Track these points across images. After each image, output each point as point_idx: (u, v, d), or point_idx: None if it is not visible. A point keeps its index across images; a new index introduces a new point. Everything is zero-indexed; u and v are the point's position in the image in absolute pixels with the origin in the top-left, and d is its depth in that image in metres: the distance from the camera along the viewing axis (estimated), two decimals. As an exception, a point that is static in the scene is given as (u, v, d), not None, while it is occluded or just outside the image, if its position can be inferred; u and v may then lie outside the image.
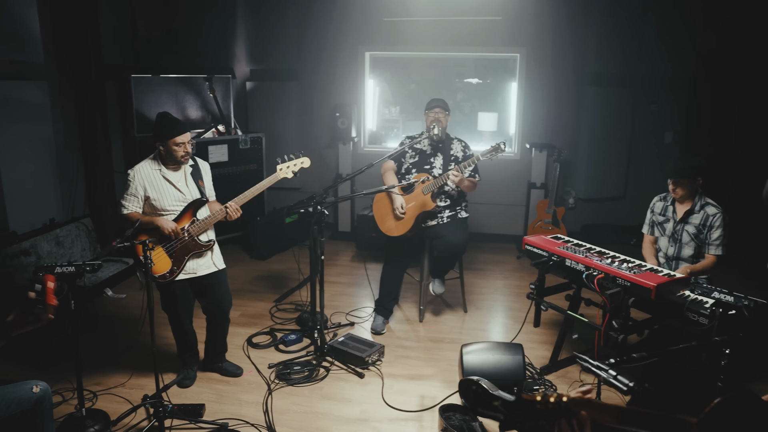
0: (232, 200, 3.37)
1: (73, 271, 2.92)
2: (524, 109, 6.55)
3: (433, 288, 4.48)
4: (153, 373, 3.12)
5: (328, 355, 3.89)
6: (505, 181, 6.52)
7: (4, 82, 4.49)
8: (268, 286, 5.31)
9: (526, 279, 5.59)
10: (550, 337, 4.25)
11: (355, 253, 6.29)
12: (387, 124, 7.13)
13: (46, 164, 4.97)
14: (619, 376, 1.73)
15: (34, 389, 2.37)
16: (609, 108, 6.30)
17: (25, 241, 4.62)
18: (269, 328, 4.39)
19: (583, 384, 3.47)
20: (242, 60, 6.85)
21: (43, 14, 4.86)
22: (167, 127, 3.24)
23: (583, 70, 6.33)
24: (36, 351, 4.01)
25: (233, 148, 6.01)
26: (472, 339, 4.27)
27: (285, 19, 6.64)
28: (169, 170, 3.36)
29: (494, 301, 5.06)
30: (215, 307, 3.54)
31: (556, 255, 3.47)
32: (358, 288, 5.33)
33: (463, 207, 4.40)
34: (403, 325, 4.52)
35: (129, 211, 3.31)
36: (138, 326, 4.07)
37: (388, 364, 3.90)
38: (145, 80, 5.68)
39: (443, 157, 4.30)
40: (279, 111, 6.77)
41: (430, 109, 4.26)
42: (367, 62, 6.72)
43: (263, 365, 3.84)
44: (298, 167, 3.57)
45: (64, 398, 3.45)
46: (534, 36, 6.30)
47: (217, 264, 3.49)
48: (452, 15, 6.25)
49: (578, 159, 6.54)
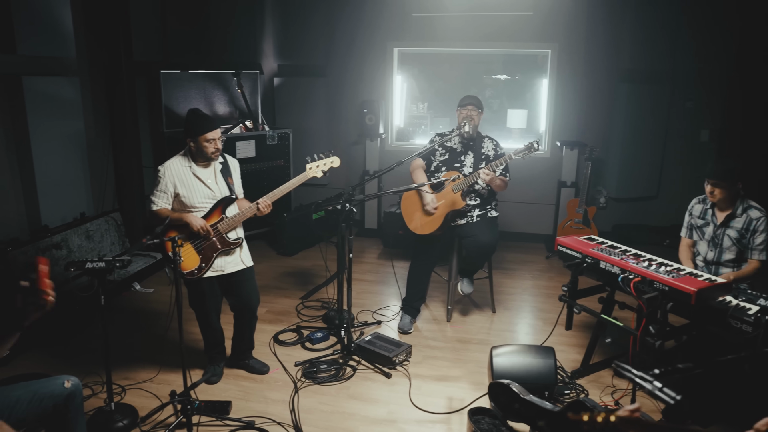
0: (264, 197, 3.35)
1: (103, 266, 2.94)
2: (555, 106, 6.43)
3: (462, 288, 4.41)
4: (180, 368, 3.12)
5: (355, 354, 3.86)
6: (534, 179, 6.41)
7: (38, 78, 4.53)
8: (295, 282, 5.30)
9: (555, 279, 5.49)
10: (581, 340, 4.16)
11: (382, 251, 6.25)
12: (414, 121, 7.07)
13: (77, 159, 5.02)
14: (665, 388, 1.65)
15: (65, 384, 2.38)
16: (642, 105, 6.13)
17: (56, 235, 4.67)
18: (295, 326, 4.37)
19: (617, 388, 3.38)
20: (270, 56, 6.85)
21: (76, 11, 4.90)
22: (198, 124, 3.23)
23: (617, 67, 6.17)
24: (66, 343, 4.06)
25: (260, 143, 6.01)
26: (500, 340, 4.21)
27: (313, 14, 6.61)
28: (199, 167, 3.35)
29: (523, 302, 4.98)
30: (243, 305, 3.52)
31: (590, 257, 3.37)
32: (384, 286, 5.29)
33: (493, 206, 4.32)
34: (431, 325, 4.47)
35: (158, 208, 3.32)
36: (166, 321, 4.09)
37: (415, 365, 3.85)
38: (173, 76, 5.70)
39: (474, 156, 4.22)
40: (306, 107, 6.75)
41: (462, 106, 4.18)
42: (395, 58, 6.65)
43: (289, 363, 3.82)
44: (328, 167, 3.53)
45: (93, 392, 3.48)
46: (566, 31, 6.16)
47: (245, 261, 3.47)
48: (482, 10, 6.15)
49: (610, 157, 6.39)
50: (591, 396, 3.46)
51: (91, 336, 4.18)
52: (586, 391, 3.51)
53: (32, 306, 2.11)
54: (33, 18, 4.43)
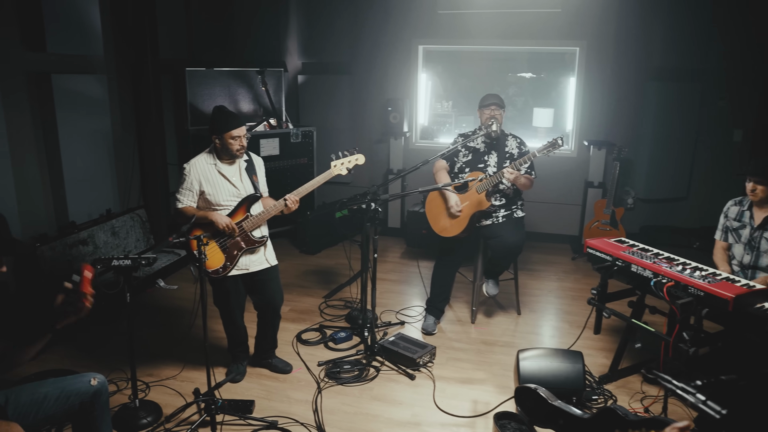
0: (291, 193, 3.33)
1: (129, 264, 2.95)
2: (582, 105, 6.31)
3: (487, 289, 4.35)
4: (203, 366, 3.12)
5: (379, 355, 3.82)
6: (560, 179, 6.30)
7: (67, 75, 4.57)
8: (317, 281, 5.28)
9: (581, 281, 5.39)
10: (609, 344, 4.07)
11: (405, 250, 6.20)
12: (439, 119, 7.00)
13: (104, 156, 5.07)
14: (709, 401, 1.58)
15: (92, 382, 2.38)
16: (672, 104, 5.99)
17: (83, 231, 4.72)
18: (318, 325, 4.35)
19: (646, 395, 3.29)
20: (294, 53, 6.84)
21: (104, 10, 4.94)
22: (223, 121, 3.22)
23: (646, 65, 6.04)
24: (92, 340, 4.09)
25: (284, 141, 6.00)
26: (525, 343, 4.14)
27: (338, 12, 6.58)
28: (224, 164, 3.34)
29: (548, 304, 4.89)
30: (267, 304, 3.51)
31: (620, 260, 3.29)
32: (407, 286, 5.25)
33: (519, 206, 4.24)
34: (455, 326, 4.41)
35: (184, 206, 3.31)
36: (189, 319, 4.10)
37: (439, 366, 3.80)
38: (199, 73, 5.72)
39: (498, 155, 4.15)
40: (330, 105, 6.73)
41: (485, 106, 4.11)
42: (420, 56, 6.59)
43: (312, 363, 3.80)
44: (353, 164, 3.49)
45: (118, 387, 3.50)
46: (595, 29, 6.04)
47: (269, 260, 3.46)
48: (509, 7, 6.05)
49: (638, 157, 6.26)
50: (620, 402, 3.38)
51: (116, 331, 4.21)
52: (615, 397, 3.43)
53: (70, 308, 2.14)
54: (62, 17, 4.47)
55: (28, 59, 4.33)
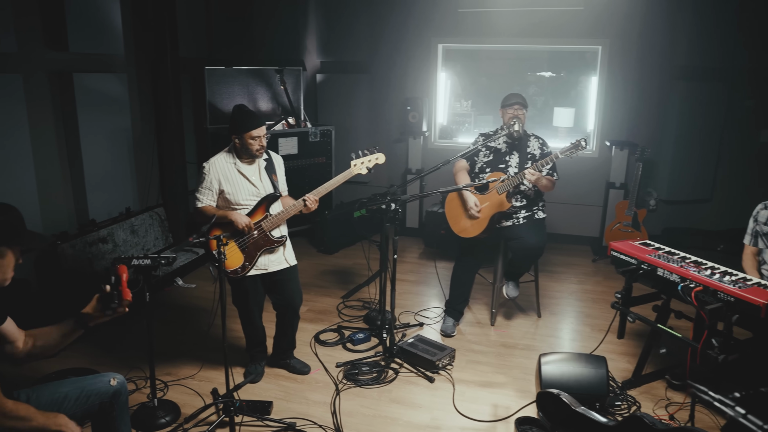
0: (311, 193, 3.30)
1: (149, 264, 2.94)
2: (604, 105, 6.21)
3: (507, 291, 4.29)
4: (222, 366, 3.09)
5: (397, 357, 3.79)
6: (581, 179, 6.21)
7: (88, 74, 4.59)
8: (335, 281, 5.25)
9: (602, 284, 5.31)
10: (631, 348, 4.00)
11: (423, 251, 6.16)
12: (458, 119, 6.93)
13: (123, 154, 5.09)
14: (750, 414, 1.52)
15: (111, 382, 2.37)
16: (697, 104, 5.87)
17: (103, 229, 4.74)
18: (336, 325, 4.33)
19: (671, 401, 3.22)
20: (313, 52, 6.82)
21: (125, 9, 4.95)
22: (243, 120, 3.20)
23: (671, 64, 5.93)
24: (109, 337, 4.10)
25: (303, 140, 5.98)
26: (546, 346, 4.08)
27: (357, 11, 6.55)
28: (244, 164, 3.32)
29: (569, 307, 4.82)
30: (286, 304, 3.49)
31: (646, 263, 3.21)
32: (425, 287, 5.20)
33: (540, 207, 4.18)
34: (474, 329, 4.36)
35: (203, 205, 3.30)
36: (208, 318, 4.10)
37: (458, 369, 3.76)
38: (218, 72, 5.73)
39: (519, 156, 4.09)
40: (349, 104, 6.70)
41: (508, 105, 4.05)
42: (439, 54, 6.54)
43: (331, 364, 3.77)
44: (373, 163, 3.46)
45: (137, 386, 3.50)
46: (618, 27, 5.94)
47: (288, 260, 3.43)
48: (531, 6, 5.98)
49: (661, 158, 6.14)
50: (644, 409, 3.31)
51: (133, 329, 4.22)
52: (639, 403, 3.36)
53: (108, 311, 2.15)
54: (84, 16, 4.49)
55: (50, 58, 4.35)
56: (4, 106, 3.89)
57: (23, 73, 4.05)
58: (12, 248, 1.99)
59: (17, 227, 2.00)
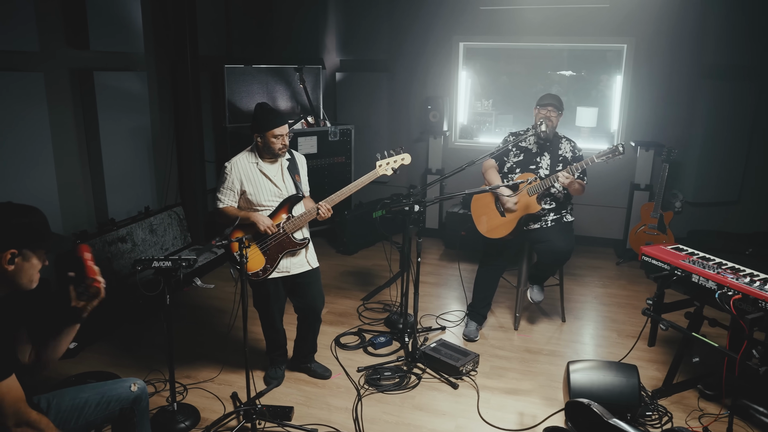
0: (325, 200, 3.23)
1: (170, 266, 2.89)
2: (629, 104, 6.08)
3: (532, 295, 4.19)
4: (241, 369, 3.06)
5: (420, 362, 3.71)
6: (605, 181, 6.07)
7: (109, 72, 4.57)
8: (355, 282, 5.18)
9: (627, 288, 5.19)
10: (659, 356, 3.89)
11: (443, 252, 6.07)
12: (479, 118, 6.83)
13: (143, 153, 5.06)
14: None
15: (132, 387, 2.33)
16: (726, 103, 5.71)
17: (122, 228, 4.71)
18: (357, 329, 4.26)
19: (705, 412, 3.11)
20: (332, 50, 6.75)
21: (145, 7, 4.92)
22: (266, 119, 3.13)
23: (699, 62, 5.77)
24: (128, 338, 4.07)
25: (322, 139, 5.92)
26: (571, 352, 3.98)
27: (377, 9, 6.47)
28: (266, 163, 3.26)
29: (594, 311, 4.71)
30: (307, 307, 3.42)
31: (680, 269, 3.11)
32: (446, 289, 5.12)
33: (569, 210, 4.07)
34: (497, 333, 4.27)
35: (225, 205, 3.25)
36: (227, 319, 4.05)
37: (483, 375, 3.67)
38: (237, 70, 5.68)
39: (550, 157, 3.98)
40: (368, 102, 6.63)
41: (542, 105, 3.94)
42: (461, 53, 6.44)
43: (352, 368, 3.70)
44: (399, 164, 3.37)
45: (156, 389, 3.47)
46: (644, 25, 5.80)
47: (311, 262, 3.37)
48: (555, 3, 5.85)
49: (687, 159, 5.99)
50: (676, 420, 3.20)
51: (151, 329, 4.19)
52: (670, 414, 3.25)
53: (85, 295, 2.11)
54: (105, 15, 4.46)
55: (72, 56, 4.33)
56: (26, 105, 3.87)
57: (45, 72, 4.03)
58: (36, 251, 1.95)
59: (41, 230, 1.96)
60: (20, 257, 1.90)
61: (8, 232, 1.87)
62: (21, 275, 1.92)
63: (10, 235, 1.87)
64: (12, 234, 1.88)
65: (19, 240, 1.89)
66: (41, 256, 1.97)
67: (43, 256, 1.98)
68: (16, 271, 1.90)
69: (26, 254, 1.91)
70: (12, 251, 1.87)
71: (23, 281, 1.94)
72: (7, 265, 1.87)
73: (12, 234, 1.88)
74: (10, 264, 1.88)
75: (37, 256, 1.95)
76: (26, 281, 1.95)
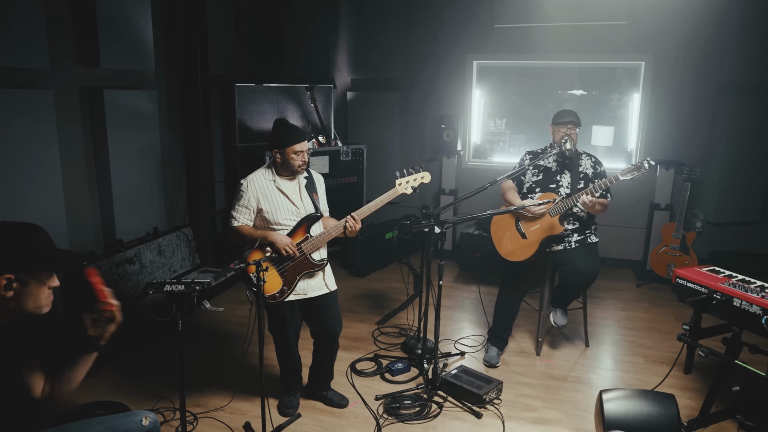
0: (354, 212, 3.11)
1: (183, 290, 2.75)
2: (647, 122, 5.96)
3: (555, 319, 4.03)
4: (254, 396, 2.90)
5: (441, 389, 3.53)
6: (623, 200, 5.90)
7: (119, 91, 4.48)
8: (369, 306, 5.02)
9: (650, 311, 5.01)
10: (693, 383, 3.71)
11: (457, 274, 5.90)
12: (492, 138, 6.72)
13: (152, 172, 4.95)
14: None
15: (143, 422, 2.17)
16: (748, 120, 5.58)
17: (130, 250, 4.58)
18: (373, 354, 4.09)
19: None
20: (343, 69, 6.68)
21: (156, 25, 4.85)
22: (286, 134, 3.02)
23: (719, 79, 5.66)
24: (136, 363, 3.91)
25: (334, 159, 5.81)
26: (598, 379, 3.81)
27: (388, 27, 6.41)
28: (284, 180, 3.14)
29: (617, 335, 4.53)
30: (325, 332, 3.26)
31: (719, 292, 2.94)
32: (462, 312, 4.95)
33: (593, 230, 3.93)
34: (519, 358, 4.09)
35: (240, 224, 3.11)
36: (237, 344, 3.90)
37: (507, 404, 3.49)
38: (248, 89, 5.59)
39: (571, 175, 3.85)
40: (380, 122, 6.53)
41: (561, 123, 3.82)
42: (474, 71, 6.36)
43: (369, 396, 3.53)
44: (418, 182, 3.24)
45: (165, 418, 3.30)
46: (663, 42, 5.71)
47: (329, 285, 3.22)
48: (571, 20, 5.76)
49: (708, 178, 5.85)
50: (716, 453, 3.01)
51: (160, 353, 4.03)
52: (709, 446, 3.07)
53: (100, 321, 1.96)
54: (116, 33, 4.38)
55: (82, 74, 4.25)
56: (35, 123, 3.78)
57: (55, 89, 3.94)
58: (35, 275, 1.78)
59: (40, 251, 1.79)
60: (17, 282, 1.74)
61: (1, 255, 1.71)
62: (24, 301, 1.76)
63: (4, 258, 1.71)
64: (5, 257, 1.71)
65: (13, 264, 1.73)
66: (43, 278, 1.80)
67: (48, 278, 1.82)
68: (17, 298, 1.74)
69: (24, 279, 1.75)
70: (7, 276, 1.71)
71: (29, 307, 1.78)
72: (4, 291, 1.72)
73: (5, 257, 1.71)
74: (8, 290, 1.72)
75: (38, 279, 1.79)
76: (32, 307, 1.79)
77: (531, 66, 6.39)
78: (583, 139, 6.32)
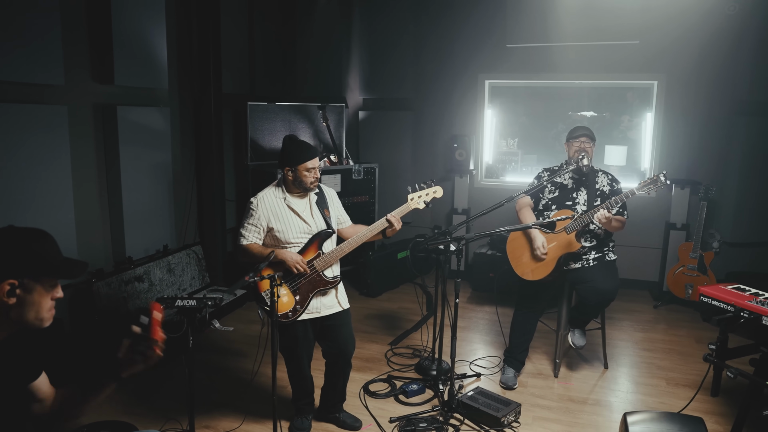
0: (394, 211, 3.09)
1: (194, 305, 2.69)
2: (661, 142, 5.90)
3: (573, 340, 3.92)
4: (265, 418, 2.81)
5: (457, 411, 3.43)
6: (638, 220, 5.81)
7: (132, 108, 4.49)
8: (381, 326, 4.93)
9: (668, 332, 4.89)
10: (718, 407, 3.58)
11: (470, 294, 5.81)
12: (503, 158, 6.67)
13: (163, 190, 4.92)
14: None
15: (152, 441, 2.08)
16: (763, 139, 5.51)
17: (139, 267, 4.54)
18: (387, 375, 3.99)
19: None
20: (355, 89, 6.68)
21: (170, 44, 4.88)
22: (297, 151, 2.97)
23: (733, 98, 5.61)
24: (144, 383, 3.83)
25: (346, 178, 5.77)
26: (618, 401, 3.69)
27: (400, 47, 6.42)
28: (294, 198, 3.08)
29: (636, 357, 4.41)
30: (338, 351, 3.18)
31: (747, 311, 2.85)
32: (477, 333, 4.85)
33: (611, 248, 3.85)
34: (536, 380, 3.98)
35: (249, 242, 3.05)
36: (247, 364, 3.82)
37: (525, 427, 3.38)
38: (260, 108, 5.59)
39: (588, 192, 3.79)
40: (392, 141, 6.51)
41: (575, 138, 3.77)
42: (486, 91, 6.34)
43: (383, 419, 3.42)
44: (431, 197, 3.19)
45: (173, 440, 3.21)
46: (675, 61, 5.68)
47: (342, 303, 3.15)
48: (583, 40, 5.75)
49: (724, 197, 5.76)
50: (747, 479, 2.88)
51: (169, 374, 3.94)
52: (739, 473, 2.93)
53: (139, 356, 1.80)
54: (131, 51, 4.40)
55: (96, 91, 4.26)
56: (48, 138, 3.77)
57: (69, 105, 3.94)
58: (40, 281, 1.67)
59: (46, 257, 1.69)
60: (21, 289, 1.63)
61: (6, 259, 1.61)
62: (27, 310, 1.65)
63: (9, 263, 1.61)
64: (10, 261, 1.61)
65: (18, 268, 1.62)
66: (48, 286, 1.70)
67: (53, 286, 1.71)
68: (19, 306, 1.64)
69: (28, 285, 1.64)
70: (11, 281, 1.61)
71: (30, 318, 1.67)
72: (7, 298, 1.61)
73: (10, 261, 1.61)
74: (11, 296, 1.61)
75: (42, 286, 1.68)
76: (34, 318, 1.67)
77: (542, 86, 6.37)
78: (597, 159, 6.23)
